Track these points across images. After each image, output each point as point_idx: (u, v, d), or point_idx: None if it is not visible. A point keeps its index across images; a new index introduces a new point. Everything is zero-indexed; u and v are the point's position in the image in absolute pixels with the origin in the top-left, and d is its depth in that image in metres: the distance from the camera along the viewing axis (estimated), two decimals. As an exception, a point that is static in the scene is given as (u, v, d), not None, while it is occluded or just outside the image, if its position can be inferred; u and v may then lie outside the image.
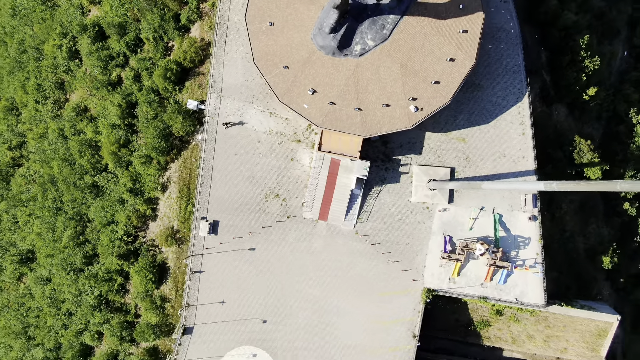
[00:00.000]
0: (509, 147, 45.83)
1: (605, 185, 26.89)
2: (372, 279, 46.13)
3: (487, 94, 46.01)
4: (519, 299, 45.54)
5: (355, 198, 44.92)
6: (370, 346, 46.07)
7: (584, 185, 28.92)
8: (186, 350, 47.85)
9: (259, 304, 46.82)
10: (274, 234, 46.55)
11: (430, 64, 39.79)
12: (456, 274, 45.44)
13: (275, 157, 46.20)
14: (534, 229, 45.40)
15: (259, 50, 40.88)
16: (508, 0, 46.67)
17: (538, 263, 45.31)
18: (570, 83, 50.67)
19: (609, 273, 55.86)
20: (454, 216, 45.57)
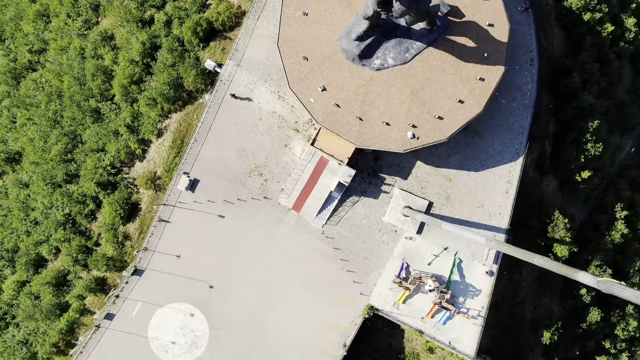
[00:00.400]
0: (489, 200, 47.13)
1: (527, 256, 28.96)
2: (323, 280, 47.50)
3: (486, 144, 47.29)
4: (452, 343, 46.87)
5: (332, 200, 46.28)
6: (301, 342, 47.44)
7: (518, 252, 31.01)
8: (131, 289, 49.27)
9: (211, 270, 48.21)
10: (245, 209, 47.92)
11: (440, 99, 41.09)
12: (402, 301, 46.78)
13: (270, 138, 47.54)
14: (487, 283, 46.72)
15: (286, 35, 42.18)
16: (534, 64, 48.07)
17: (480, 316, 46.64)
18: (569, 160, 51.94)
19: (546, 349, 57.09)
20: (418, 247, 46.91)
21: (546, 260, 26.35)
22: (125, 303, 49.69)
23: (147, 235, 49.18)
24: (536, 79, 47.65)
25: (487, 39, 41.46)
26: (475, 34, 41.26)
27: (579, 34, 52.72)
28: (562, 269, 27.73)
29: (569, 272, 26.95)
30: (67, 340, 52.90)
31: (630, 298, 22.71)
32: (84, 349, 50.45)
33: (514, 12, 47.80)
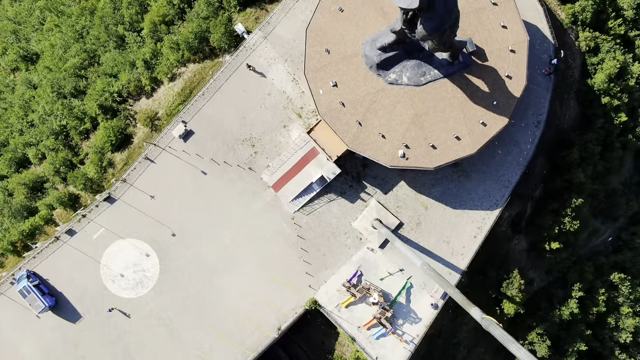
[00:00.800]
0: (456, 239, 48.47)
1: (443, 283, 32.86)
2: (278, 262, 48.89)
3: (470, 186, 48.61)
4: (379, 359, 48.32)
5: (311, 191, 47.61)
6: (240, 311, 48.85)
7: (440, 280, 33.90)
8: (98, 214, 50.61)
9: (179, 219, 49.57)
10: (228, 173, 49.24)
11: (439, 129, 42.39)
12: (345, 305, 48.17)
13: (273, 115, 48.83)
14: (429, 314, 48.12)
15: (317, 24, 43.44)
16: (539, 127, 49.36)
17: (413, 343, 48.05)
18: (544, 227, 53.25)
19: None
20: (376, 260, 48.28)
21: (455, 291, 29.85)
22: (90, 225, 51.04)
23: (130, 168, 50.49)
24: (537, 141, 48.93)
25: (501, 89, 42.74)
26: (491, 81, 42.53)
27: (592, 114, 53.98)
28: (464, 302, 31.48)
29: (465, 304, 31.19)
30: (25, 243, 54.25)
31: (499, 338, 29.71)
32: (37, 255, 51.80)
33: (537, 73, 49.08)
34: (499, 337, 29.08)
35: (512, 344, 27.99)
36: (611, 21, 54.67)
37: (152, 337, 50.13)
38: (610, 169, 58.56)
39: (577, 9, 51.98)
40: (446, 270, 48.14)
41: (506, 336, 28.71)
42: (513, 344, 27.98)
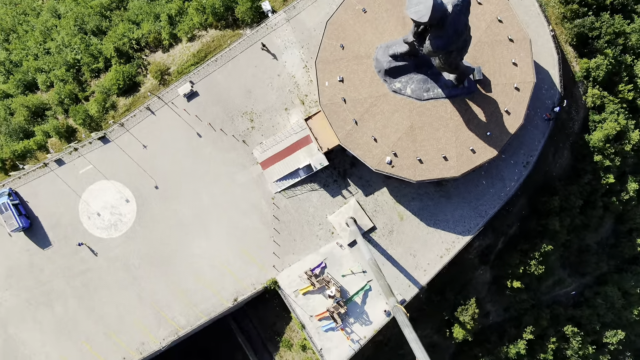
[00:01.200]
0: (423, 255, 49.80)
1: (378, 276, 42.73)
2: (249, 237, 50.26)
3: (448, 208, 49.89)
4: (323, 351, 49.70)
5: (296, 176, 48.91)
6: (203, 274, 50.25)
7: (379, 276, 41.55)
8: (90, 150, 51.87)
9: (165, 173, 50.89)
10: (222, 141, 50.53)
11: (429, 145, 43.65)
12: (303, 292, 49.52)
13: (277, 96, 50.08)
14: (380, 320, 49.50)
15: (338, 18, 44.63)
16: (527, 168, 50.60)
17: (359, 344, 49.42)
18: (509, 265, 54.59)
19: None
20: (342, 257, 49.63)
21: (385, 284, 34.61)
22: (79, 159, 52.32)
23: (130, 114, 51.72)
24: (522, 181, 50.19)
25: (497, 122, 43.96)
26: (490, 112, 43.76)
27: (582, 168, 55.17)
28: (387, 290, 35.97)
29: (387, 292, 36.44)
30: (14, 163, 55.50)
31: (400, 323, 35.01)
32: (23, 177, 53.10)
33: (537, 116, 50.29)
34: (400, 322, 34.62)
35: (407, 327, 33.26)
36: (622, 85, 55.88)
37: (113, 279, 51.49)
38: (589, 225, 59.80)
39: (592, 65, 53.18)
40: (406, 282, 49.53)
41: (405, 322, 34.34)
42: (408, 328, 33.14)
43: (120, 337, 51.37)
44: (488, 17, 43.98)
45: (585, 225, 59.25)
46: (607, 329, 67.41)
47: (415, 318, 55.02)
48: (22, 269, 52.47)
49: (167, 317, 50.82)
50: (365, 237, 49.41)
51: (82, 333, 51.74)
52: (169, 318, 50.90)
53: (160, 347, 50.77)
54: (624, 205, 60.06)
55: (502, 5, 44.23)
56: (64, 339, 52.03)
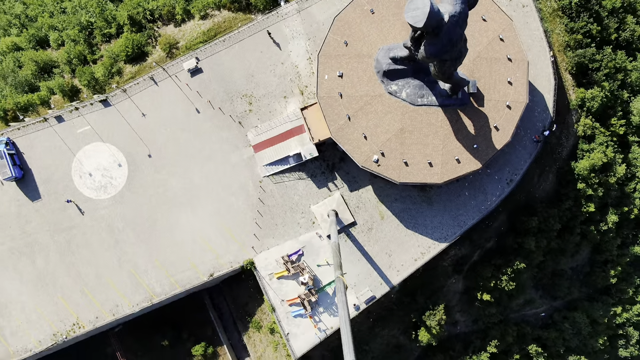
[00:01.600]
0: (398, 255, 51.11)
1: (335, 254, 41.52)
2: (233, 216, 51.55)
3: (428, 214, 51.19)
4: (289, 336, 51.05)
5: (286, 163, 50.20)
6: (182, 245, 51.55)
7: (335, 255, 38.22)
8: (90, 112, 53.02)
9: (160, 144, 52.13)
10: (219, 120, 51.79)
11: (416, 150, 44.92)
12: (277, 276, 50.84)
13: (279, 83, 51.30)
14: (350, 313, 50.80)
15: (346, 16, 45.83)
16: (510, 185, 51.87)
17: (325, 333, 50.80)
18: (482, 277, 55.90)
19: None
20: (320, 247, 50.93)
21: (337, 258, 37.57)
22: (78, 119, 53.52)
23: (134, 81, 52.92)
24: (503, 198, 51.47)
25: (486, 136, 45.23)
26: (479, 126, 45.02)
27: (565, 194, 56.50)
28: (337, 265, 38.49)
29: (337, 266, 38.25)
30: (16, 114, 56.69)
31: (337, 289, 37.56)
32: (22, 129, 54.29)
33: (527, 137, 51.49)
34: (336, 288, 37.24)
35: (340, 292, 35.94)
36: (615, 119, 57.19)
37: (96, 239, 52.78)
38: (565, 250, 61.12)
39: (587, 95, 54.43)
40: (378, 280, 50.87)
41: (341, 289, 36.27)
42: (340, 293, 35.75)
43: (96, 297, 52.68)
44: (490, 35, 45.19)
45: (561, 250, 60.57)
46: (571, 354, 68.89)
47: (385, 317, 56.55)
48: (9, 218, 53.73)
49: (143, 283, 52.13)
50: (345, 232, 50.78)
51: (59, 288, 53.05)
52: (146, 284, 52.21)
53: (133, 311, 52.07)
54: (601, 236, 61.40)
55: (505, 25, 45.44)
56: (41, 292, 53.31)
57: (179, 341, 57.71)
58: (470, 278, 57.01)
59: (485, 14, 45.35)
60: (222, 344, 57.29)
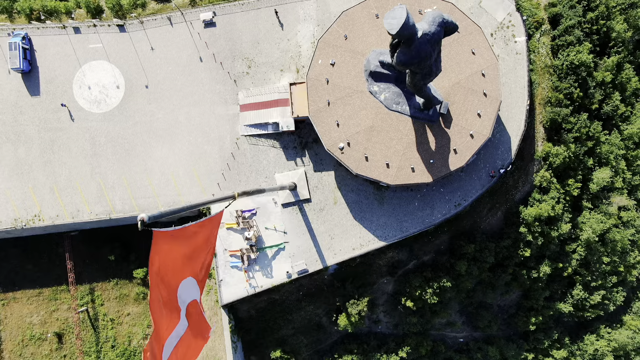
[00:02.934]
0: (339, 240, 55.40)
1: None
2: (203, 161, 55.90)
3: (377, 211, 55.38)
4: (222, 282, 55.42)
5: (264, 128, 54.47)
6: (152, 175, 55.91)
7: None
8: (106, 32, 57.22)
9: (158, 79, 56.48)
10: (217, 74, 56.08)
11: (379, 149, 49.10)
12: (227, 227, 55.16)
13: (279, 57, 55.49)
14: (280, 278, 55.23)
15: (353, 15, 49.93)
16: (457, 209, 56.03)
17: (254, 289, 55.17)
18: (410, 284, 60.13)
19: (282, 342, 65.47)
20: (272, 212, 55.22)
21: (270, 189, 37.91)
22: (94, 35, 57.72)
23: (153, 17, 57.09)
24: (448, 218, 55.68)
25: (443, 155, 49.41)
26: (440, 144, 49.20)
27: (507, 233, 60.69)
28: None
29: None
30: (39, 16, 60.71)
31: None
32: (42, 29, 58.57)
33: (484, 169, 55.49)
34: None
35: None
36: (573, 180, 61.35)
37: (77, 146, 57.09)
38: (495, 286, 65.26)
39: (553, 151, 58.58)
40: (315, 257, 55.16)
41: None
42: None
43: (62, 197, 57.03)
44: (475, 68, 49.30)
45: (492, 285, 64.72)
46: (474, 384, 73.27)
47: (313, 294, 60.91)
48: (6, 105, 57.99)
49: (107, 197, 56.46)
50: (299, 205, 55.06)
51: (32, 179, 57.37)
52: (109, 198, 56.55)
53: (90, 220, 56.41)
54: (532, 283, 65.59)
55: (490, 63, 49.56)
56: (15, 178, 57.65)
57: (125, 260, 62.02)
58: (401, 283, 61.29)
59: (476, 48, 49.47)
60: (162, 275, 61.64)
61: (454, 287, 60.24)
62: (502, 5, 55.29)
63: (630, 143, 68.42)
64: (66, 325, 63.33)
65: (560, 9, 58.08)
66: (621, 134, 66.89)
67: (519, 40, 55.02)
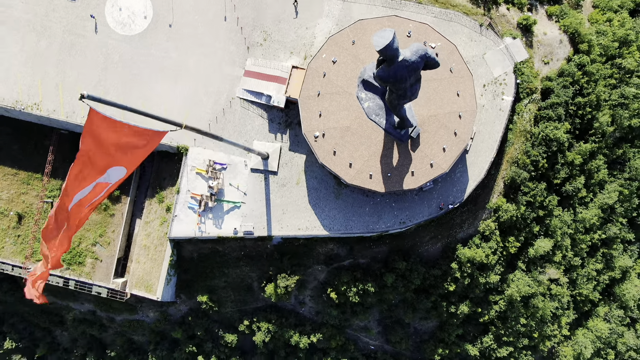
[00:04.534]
0: (289, 218, 60.42)
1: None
2: (196, 107, 60.95)
3: (330, 203, 60.27)
4: (176, 218, 60.71)
5: (259, 97, 59.52)
6: (149, 102, 60.87)
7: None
8: (152, -34, 62.38)
9: (181, 23, 60.88)
10: (234, 36, 60.79)
11: (347, 149, 54.01)
12: (197, 171, 60.37)
13: (294, 40, 60.27)
14: (227, 231, 60.43)
15: (367, 25, 54.68)
16: (401, 227, 61.01)
17: (201, 233, 60.43)
18: (338, 279, 65.16)
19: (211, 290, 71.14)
20: (240, 172, 60.31)
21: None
22: (141, -34, 62.60)
23: (197, -33, 62.15)
24: (389, 231, 60.70)
25: (400, 173, 54.29)
26: (401, 163, 54.12)
27: (439, 264, 65.66)
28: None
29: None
30: None
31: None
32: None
33: (436, 200, 60.17)
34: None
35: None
36: (513, 238, 66.35)
37: (92, 56, 62.12)
38: (415, 309, 70.12)
39: (504, 206, 63.46)
40: (264, 224, 60.30)
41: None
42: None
43: (64, 95, 62.07)
44: (454, 108, 54.09)
45: (413, 306, 69.83)
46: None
47: (253, 257, 66.19)
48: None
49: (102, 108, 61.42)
50: (265, 175, 60.15)
51: (43, 72, 62.31)
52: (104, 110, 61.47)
53: (81, 123, 61.49)
54: (448, 317, 70.71)
55: (469, 109, 54.29)
56: (29, 65, 62.57)
57: (100, 172, 67.10)
58: (332, 275, 66.50)
59: (462, 92, 54.36)
60: (128, 195, 66.85)
61: (377, 294, 65.50)
62: (502, 64, 60.16)
63: (581, 227, 73.31)
64: (29, 210, 68.62)
65: (554, 85, 62.93)
66: (575, 215, 71.85)
67: (506, 99, 59.93)
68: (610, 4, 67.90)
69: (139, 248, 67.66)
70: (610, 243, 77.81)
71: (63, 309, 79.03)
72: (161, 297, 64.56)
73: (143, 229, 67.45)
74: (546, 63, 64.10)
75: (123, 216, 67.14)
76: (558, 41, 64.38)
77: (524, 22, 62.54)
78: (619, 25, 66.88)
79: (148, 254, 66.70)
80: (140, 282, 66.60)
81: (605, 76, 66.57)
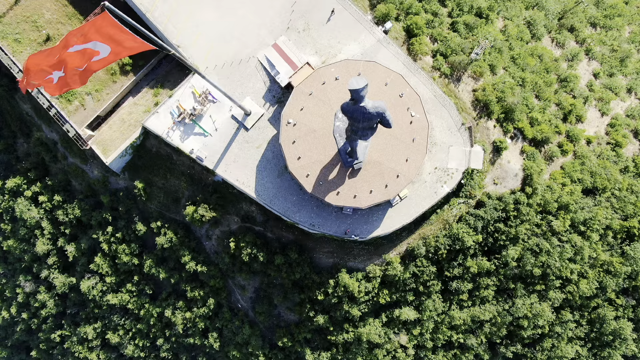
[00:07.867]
0: (236, 167, 70.94)
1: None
2: (220, 51, 71.09)
3: (270, 178, 70.75)
4: (155, 113, 71.25)
5: (271, 67, 69.71)
6: (186, 30, 71.15)
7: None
8: None
9: (254, -22, 71.39)
10: (284, 11, 70.01)
11: (309, 149, 64.03)
12: (192, 91, 70.83)
13: (325, 45, 69.83)
14: (187, 148, 70.95)
15: (372, 67, 65.07)
16: (312, 227, 71.59)
17: (169, 137, 70.98)
18: (243, 236, 76.05)
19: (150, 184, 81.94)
20: (222, 113, 70.67)
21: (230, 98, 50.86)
22: None
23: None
24: (298, 224, 71.14)
25: (328, 188, 64.49)
26: (334, 178, 64.46)
27: (323, 275, 76.41)
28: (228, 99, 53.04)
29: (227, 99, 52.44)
30: None
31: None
32: None
33: (347, 226, 70.92)
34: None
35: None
36: (387, 292, 76.88)
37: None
38: (286, 297, 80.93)
39: (394, 264, 73.94)
40: (214, 160, 70.65)
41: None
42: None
43: None
44: (396, 169, 64.42)
45: (285, 294, 79.89)
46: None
47: (194, 181, 76.84)
48: None
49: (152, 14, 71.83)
50: (240, 125, 70.60)
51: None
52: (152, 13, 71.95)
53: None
54: (306, 319, 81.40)
55: (408, 176, 64.61)
56: None
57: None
58: (242, 231, 77.14)
59: (412, 161, 64.59)
60: (135, 75, 77.37)
61: (264, 266, 76.34)
62: (459, 161, 70.32)
63: (448, 321, 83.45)
64: (57, 38, 79.16)
65: (488, 202, 73.22)
66: (448, 309, 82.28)
67: (444, 188, 70.21)
68: (573, 174, 77.90)
69: (118, 118, 78.33)
70: (465, 350, 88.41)
71: (35, 125, 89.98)
72: (109, 163, 75.46)
73: (129, 106, 78.09)
74: (495, 183, 74.39)
75: (121, 88, 77.75)
76: (514, 173, 74.61)
77: (498, 144, 72.76)
78: (569, 193, 76.95)
79: (121, 127, 77.40)
80: (102, 143, 77.35)
81: (532, 223, 76.74)
